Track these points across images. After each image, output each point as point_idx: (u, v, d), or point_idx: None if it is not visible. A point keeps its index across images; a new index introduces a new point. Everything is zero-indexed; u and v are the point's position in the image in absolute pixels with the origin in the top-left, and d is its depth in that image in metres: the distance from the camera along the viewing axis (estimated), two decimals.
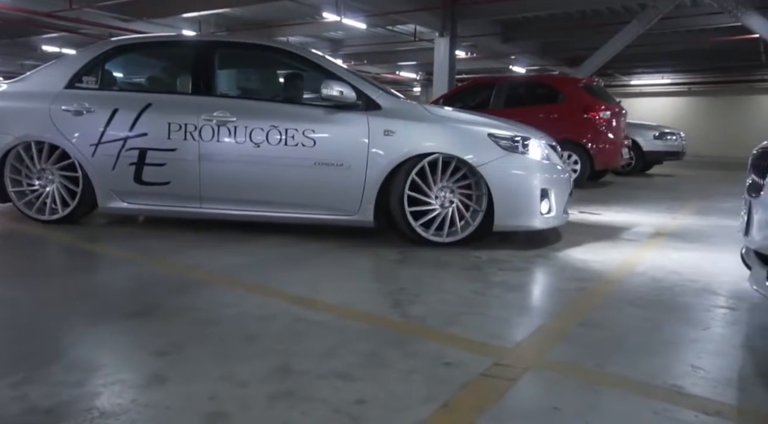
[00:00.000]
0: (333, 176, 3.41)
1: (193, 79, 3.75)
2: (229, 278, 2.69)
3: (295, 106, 3.62)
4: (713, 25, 12.70)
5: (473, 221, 3.40)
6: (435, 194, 3.41)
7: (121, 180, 3.63)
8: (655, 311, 2.31)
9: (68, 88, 3.78)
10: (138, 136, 3.58)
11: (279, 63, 4.08)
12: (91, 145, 3.63)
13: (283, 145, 3.43)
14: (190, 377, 1.59)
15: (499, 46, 15.41)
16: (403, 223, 3.41)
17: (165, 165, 3.57)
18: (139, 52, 4.23)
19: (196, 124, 3.51)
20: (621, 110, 7.89)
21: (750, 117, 21.47)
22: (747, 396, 1.58)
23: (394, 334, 1.98)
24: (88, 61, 3.83)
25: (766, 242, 1.75)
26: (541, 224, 3.45)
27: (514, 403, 1.50)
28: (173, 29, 14.16)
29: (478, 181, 3.37)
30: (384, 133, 3.36)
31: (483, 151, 3.34)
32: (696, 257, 3.33)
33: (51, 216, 3.81)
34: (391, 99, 3.57)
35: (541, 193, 3.38)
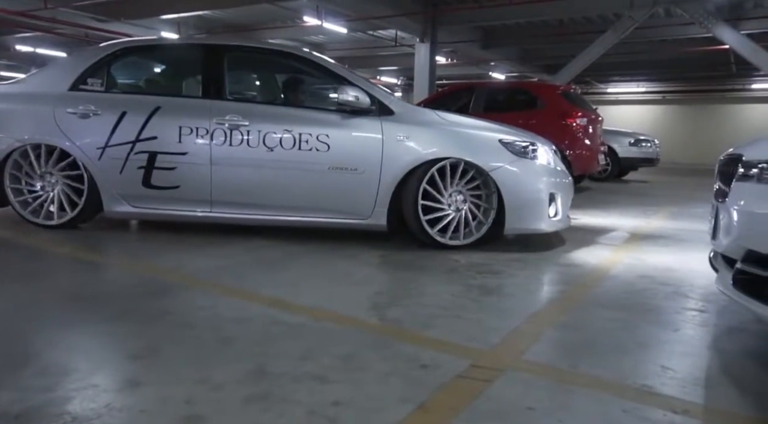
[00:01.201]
0: (347, 181, 3.43)
1: (203, 82, 3.70)
2: (206, 280, 2.66)
3: (309, 110, 3.61)
4: (686, 36, 13.04)
5: (483, 225, 3.49)
6: (447, 198, 3.47)
7: (129, 184, 3.57)
8: (628, 314, 2.36)
9: (72, 91, 3.70)
10: (147, 140, 3.52)
11: (290, 67, 4.06)
12: (98, 149, 3.55)
13: (297, 150, 3.43)
14: (165, 381, 1.57)
15: (479, 52, 15.58)
16: (416, 226, 3.45)
17: (175, 169, 3.52)
18: (145, 55, 4.17)
19: (208, 128, 3.48)
20: (597, 117, 8.05)
21: (721, 125, 22.06)
22: (713, 395, 1.63)
23: (371, 336, 1.99)
24: (92, 63, 3.74)
25: (732, 246, 1.81)
26: (548, 227, 3.55)
27: (489, 403, 1.52)
28: (151, 31, 14.00)
29: (488, 185, 3.46)
30: (398, 139, 3.41)
31: (494, 157, 3.42)
32: (668, 261, 3.41)
33: (53, 221, 3.71)
34: (403, 105, 3.63)
35: (549, 197, 3.49)
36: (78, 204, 3.68)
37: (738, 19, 11.57)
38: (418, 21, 12.31)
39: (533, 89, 8.22)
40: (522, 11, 11.48)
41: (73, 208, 3.69)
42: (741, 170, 1.82)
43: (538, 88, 8.60)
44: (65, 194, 3.71)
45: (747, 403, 1.58)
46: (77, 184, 3.67)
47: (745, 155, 1.83)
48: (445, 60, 17.05)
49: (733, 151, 1.99)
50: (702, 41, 13.21)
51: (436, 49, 13.00)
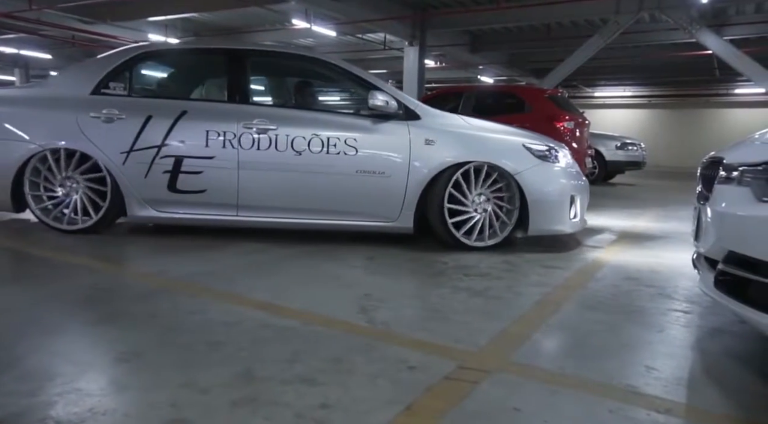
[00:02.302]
0: (374, 184, 3.48)
1: (229, 87, 3.71)
2: (195, 284, 2.65)
3: (337, 115, 3.66)
4: (671, 41, 13.21)
5: (506, 227, 3.59)
6: (471, 201, 3.53)
7: (154, 188, 3.55)
8: (614, 315, 2.39)
9: (95, 95, 3.67)
10: (173, 144, 3.51)
11: (315, 73, 4.11)
12: (122, 153, 3.54)
13: (325, 154, 3.47)
14: (150, 385, 1.57)
15: (467, 56, 15.66)
16: (441, 228, 3.52)
17: (202, 173, 3.51)
18: (167, 59, 4.15)
19: (236, 132, 3.48)
20: (584, 121, 8.13)
21: (706, 129, 22.37)
22: (695, 394, 1.65)
23: (359, 339, 1.99)
24: (114, 67, 3.73)
25: (714, 247, 1.84)
26: (569, 229, 3.68)
27: (475, 405, 1.53)
28: (139, 33, 13.92)
29: (511, 188, 3.54)
30: (425, 143, 3.48)
31: (519, 160, 3.51)
32: (653, 263, 3.45)
33: (74, 226, 3.67)
34: (428, 109, 3.67)
35: (570, 199, 3.60)
36: (100, 209, 3.64)
37: (721, 25, 11.76)
38: (406, 25, 12.35)
39: (521, 93, 8.28)
40: (509, 16, 11.57)
41: (96, 213, 3.66)
42: (722, 173, 1.85)
43: (526, 91, 8.66)
44: (87, 199, 3.67)
45: (728, 402, 1.61)
46: (99, 188, 3.64)
47: (726, 158, 1.86)
48: (434, 63, 17.12)
49: (714, 155, 2.03)
50: (686, 47, 13.40)
51: (424, 53, 13.04)
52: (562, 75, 12.14)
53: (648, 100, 23.97)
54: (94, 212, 3.66)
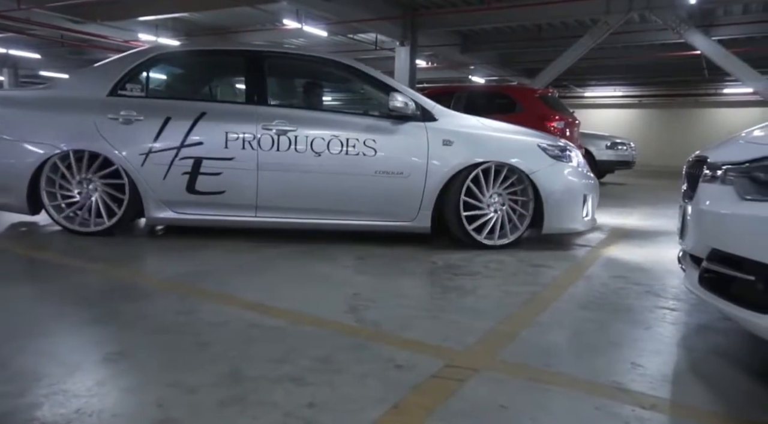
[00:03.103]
0: (393, 185, 3.53)
1: (247, 88, 3.72)
2: (184, 285, 2.64)
3: (356, 116, 3.69)
4: (660, 41, 13.31)
5: (521, 226, 3.65)
6: (486, 201, 3.60)
7: (173, 190, 3.55)
8: (602, 313, 2.41)
9: (111, 96, 3.65)
10: (193, 145, 3.52)
11: (333, 75, 4.15)
12: (141, 155, 3.53)
13: (345, 155, 3.51)
14: (138, 385, 1.56)
15: (458, 56, 15.69)
16: (458, 228, 3.58)
17: (221, 174, 3.52)
18: (184, 61, 4.15)
19: (255, 134, 3.50)
20: (574, 120, 8.17)
21: (695, 129, 22.56)
22: (680, 390, 1.67)
23: (348, 339, 2.00)
24: (130, 69, 3.72)
25: (698, 245, 1.86)
26: (582, 227, 3.76)
27: (462, 403, 1.54)
28: (129, 32, 13.84)
29: (525, 188, 3.60)
30: (443, 143, 3.54)
31: (534, 160, 3.59)
32: (641, 261, 3.48)
33: (90, 228, 3.65)
34: (445, 111, 3.73)
35: (583, 198, 3.67)
36: (117, 210, 3.63)
37: (709, 26, 11.86)
38: (398, 25, 12.36)
39: (511, 93, 8.32)
40: (499, 16, 11.61)
41: (111, 215, 3.64)
42: (706, 172, 1.87)
43: (517, 91, 8.70)
44: (105, 201, 3.65)
45: (712, 398, 1.63)
46: (116, 191, 3.63)
47: (710, 158, 1.89)
48: (426, 63, 17.15)
49: (699, 154, 2.05)
50: (675, 47, 13.50)
51: (416, 53, 13.06)
52: (552, 75, 12.20)
53: (638, 100, 24.13)
54: (110, 215, 3.64)
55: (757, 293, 1.54)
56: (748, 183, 1.63)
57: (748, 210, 1.58)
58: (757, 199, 1.58)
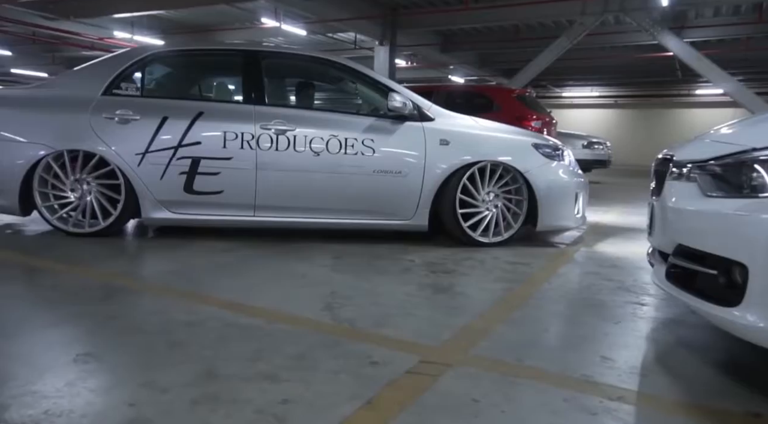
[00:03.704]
0: (391, 184, 3.57)
1: (245, 88, 3.70)
2: (159, 285, 2.62)
3: (354, 116, 3.71)
4: (634, 43, 13.58)
5: (515, 224, 3.73)
6: (482, 199, 3.68)
7: (170, 190, 3.51)
8: (574, 309, 2.45)
9: (106, 95, 3.59)
10: (191, 145, 3.48)
11: (330, 75, 4.17)
12: (137, 155, 3.49)
13: (343, 154, 3.54)
14: (108, 385, 1.55)
15: (438, 55, 15.79)
16: (454, 226, 3.64)
17: (219, 174, 3.50)
18: (180, 60, 4.10)
19: (254, 133, 3.49)
20: (551, 120, 8.29)
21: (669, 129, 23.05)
22: (647, 382, 1.71)
23: (324, 336, 2.00)
24: (124, 68, 3.67)
25: (665, 241, 1.91)
26: (574, 224, 3.87)
27: (435, 397, 1.56)
28: (103, 30, 13.60)
29: (519, 186, 3.67)
30: (440, 143, 3.59)
31: (528, 159, 3.67)
32: (615, 258, 3.55)
33: (86, 229, 3.58)
34: (441, 111, 3.76)
35: (574, 196, 3.76)
36: (113, 211, 3.57)
37: (681, 28, 12.14)
38: (377, 24, 12.39)
39: (489, 93, 8.40)
40: (478, 17, 11.72)
41: (108, 215, 3.58)
42: (673, 170, 1.93)
43: (494, 91, 8.79)
44: (98, 202, 3.59)
45: (677, 388, 1.68)
46: (111, 192, 3.57)
47: (675, 156, 1.94)
48: (405, 63, 17.20)
49: (666, 152, 2.10)
50: (649, 48, 13.78)
51: (395, 52, 13.11)
52: (530, 75, 12.35)
53: (614, 101, 24.56)
54: (105, 216, 3.59)
55: (718, 287, 1.59)
56: (711, 180, 1.69)
57: (711, 206, 1.63)
58: (718, 195, 1.63)
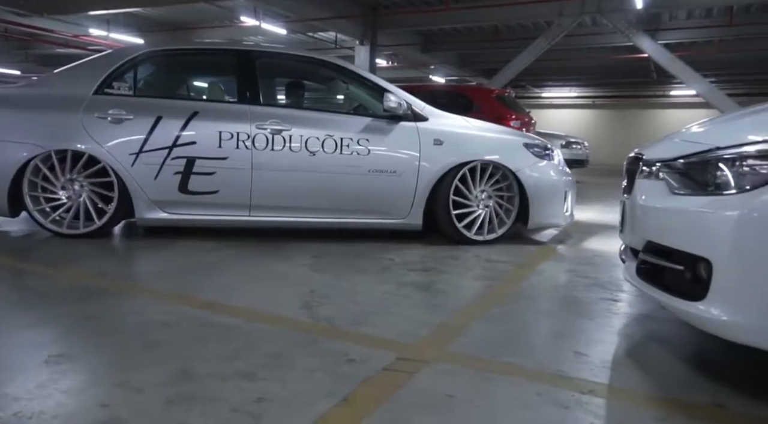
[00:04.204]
0: (386, 183, 3.61)
1: (239, 88, 3.68)
2: (136, 285, 2.59)
3: (350, 116, 3.74)
4: (611, 44, 13.80)
5: (507, 222, 3.81)
6: (475, 197, 3.74)
7: (165, 190, 3.48)
8: (550, 306, 2.50)
9: (97, 95, 3.54)
10: (185, 145, 3.46)
11: (325, 76, 4.20)
12: (131, 155, 3.45)
13: (339, 154, 3.56)
14: (81, 387, 1.53)
15: (418, 55, 15.84)
16: (448, 225, 3.69)
17: (214, 174, 3.49)
18: (174, 59, 4.05)
19: (249, 133, 3.48)
20: (530, 120, 8.39)
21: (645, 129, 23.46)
22: (618, 376, 1.76)
23: (301, 335, 2.01)
24: (117, 67, 3.62)
25: (636, 238, 1.96)
26: (563, 222, 3.93)
27: (411, 394, 1.58)
28: (78, 27, 13.35)
29: (511, 185, 3.74)
30: (434, 143, 3.65)
31: (520, 159, 3.74)
32: (591, 255, 3.62)
33: (81, 229, 3.52)
34: (435, 111, 3.81)
35: (564, 194, 3.84)
36: (105, 212, 3.53)
37: (656, 30, 12.39)
38: (357, 24, 12.38)
39: (469, 93, 8.47)
40: (458, 17, 11.79)
41: (101, 216, 3.53)
42: (643, 168, 1.97)
43: (474, 91, 8.86)
44: (92, 202, 3.54)
45: (648, 382, 1.72)
46: (104, 192, 3.53)
47: (645, 155, 1.99)
48: (386, 63, 17.22)
49: (637, 151, 2.15)
50: (625, 50, 14.02)
51: (376, 52, 13.11)
52: (509, 75, 12.47)
53: (592, 101, 24.91)
54: (99, 216, 3.54)
55: (685, 282, 1.64)
56: (678, 178, 1.73)
57: (677, 204, 1.68)
58: (685, 193, 1.68)
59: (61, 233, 3.55)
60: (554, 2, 10.70)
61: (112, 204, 3.52)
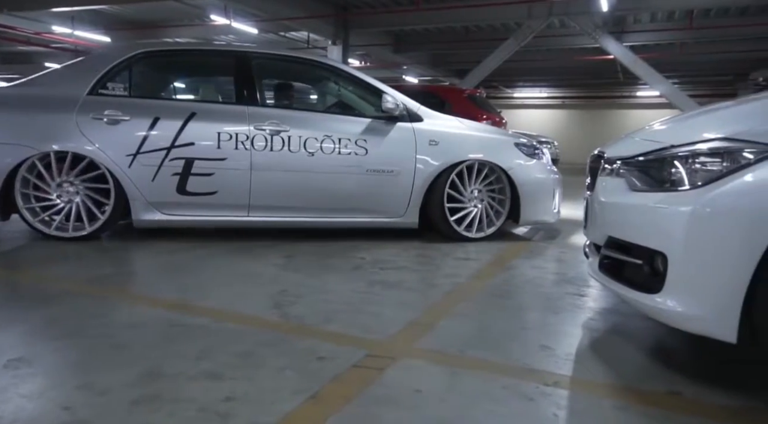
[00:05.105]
0: (384, 183, 3.67)
1: (237, 89, 3.68)
2: (102, 287, 2.54)
3: (347, 117, 3.77)
4: (579, 46, 14.09)
5: (499, 219, 3.92)
6: (468, 196, 3.83)
7: (162, 191, 3.44)
8: (517, 301, 2.55)
9: (92, 95, 3.47)
10: (184, 146, 3.43)
11: (322, 77, 4.24)
12: (128, 156, 3.39)
13: (337, 154, 3.61)
14: (43, 390, 1.50)
15: (391, 55, 15.89)
16: (442, 222, 3.79)
17: (213, 175, 3.47)
18: (170, 60, 4.00)
19: (248, 134, 3.48)
20: (501, 119, 8.51)
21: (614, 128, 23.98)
22: (581, 368, 1.81)
23: (271, 334, 2.00)
24: (111, 67, 3.56)
25: (598, 234, 2.01)
26: (552, 219, 4.05)
27: (380, 389, 1.60)
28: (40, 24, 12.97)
29: (503, 183, 3.83)
30: (429, 143, 3.73)
31: (512, 158, 3.85)
32: (558, 252, 3.70)
33: (75, 232, 3.45)
34: (429, 112, 3.88)
35: (552, 192, 3.95)
36: (102, 213, 3.47)
37: (621, 32, 12.71)
38: (329, 23, 12.35)
39: (441, 93, 8.54)
40: (428, 17, 11.87)
41: (92, 218, 3.47)
42: (604, 166, 2.03)
43: (446, 91, 8.94)
44: (87, 204, 3.47)
45: (609, 372, 1.78)
46: (100, 194, 3.47)
47: (606, 153, 2.05)
48: (359, 63, 17.22)
49: (599, 150, 2.22)
50: (593, 51, 14.34)
51: (348, 52, 13.11)
52: (480, 76, 12.61)
53: (562, 101, 25.39)
54: (90, 218, 3.48)
55: (643, 276, 1.70)
56: (637, 175, 1.79)
57: (636, 200, 1.74)
58: (643, 190, 1.74)
59: (65, 237, 3.49)
60: (523, 4, 10.88)
61: (108, 206, 3.48)
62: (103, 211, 3.50)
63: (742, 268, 1.43)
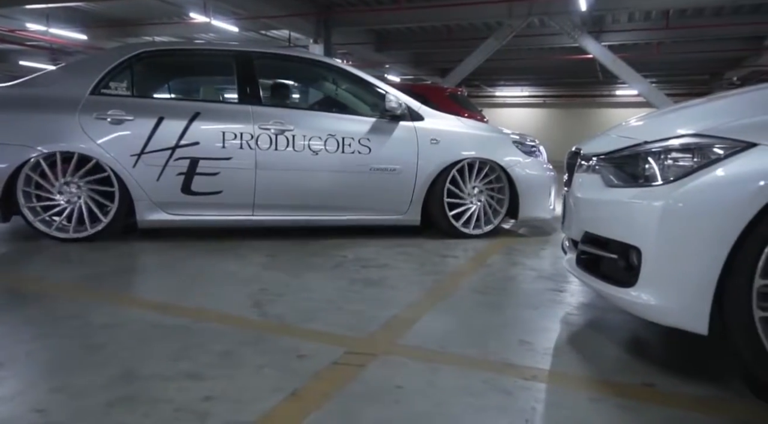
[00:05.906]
0: (387, 181, 3.73)
1: (240, 88, 3.66)
2: (78, 288, 2.50)
3: (351, 116, 3.82)
4: (559, 45, 14.24)
5: (498, 216, 3.98)
6: (468, 193, 3.90)
7: (167, 191, 3.41)
8: (497, 297, 2.57)
9: (94, 95, 3.42)
10: (189, 146, 3.40)
11: (325, 77, 4.26)
12: (132, 156, 3.36)
13: (341, 153, 3.64)
14: (14, 393, 1.47)
15: (373, 54, 15.88)
16: (443, 220, 3.85)
17: (218, 174, 3.45)
18: (172, 60, 3.95)
19: (253, 133, 3.47)
20: (483, 118, 8.56)
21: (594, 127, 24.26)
22: (559, 362, 1.83)
23: (251, 333, 1.99)
24: (113, 67, 3.52)
25: (575, 229, 2.04)
26: (548, 215, 4.12)
27: (360, 386, 1.60)
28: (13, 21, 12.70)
29: (501, 181, 3.92)
30: (431, 142, 3.78)
31: (511, 156, 3.93)
32: (539, 248, 3.74)
33: (76, 234, 3.40)
34: (430, 111, 3.92)
35: (549, 189, 4.02)
36: (106, 214, 3.43)
37: (600, 32, 12.87)
38: (310, 22, 12.30)
39: (423, 92, 8.54)
40: (411, 16, 11.89)
41: (93, 219, 3.42)
42: (581, 162, 2.06)
43: (428, 90, 8.97)
44: (94, 203, 3.43)
45: (586, 366, 1.80)
46: (103, 194, 3.43)
47: (583, 149, 2.08)
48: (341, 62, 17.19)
49: (576, 147, 2.25)
50: (572, 50, 14.50)
51: (330, 51, 13.05)
52: (461, 74, 12.68)
53: (543, 100, 25.65)
54: (92, 219, 3.43)
55: (619, 270, 1.72)
56: (612, 171, 1.82)
57: (611, 196, 1.77)
58: (618, 185, 1.77)
59: (71, 238, 3.43)
60: (503, 3, 10.95)
61: (113, 205, 3.43)
62: (105, 212, 3.45)
63: (712, 261, 1.47)
